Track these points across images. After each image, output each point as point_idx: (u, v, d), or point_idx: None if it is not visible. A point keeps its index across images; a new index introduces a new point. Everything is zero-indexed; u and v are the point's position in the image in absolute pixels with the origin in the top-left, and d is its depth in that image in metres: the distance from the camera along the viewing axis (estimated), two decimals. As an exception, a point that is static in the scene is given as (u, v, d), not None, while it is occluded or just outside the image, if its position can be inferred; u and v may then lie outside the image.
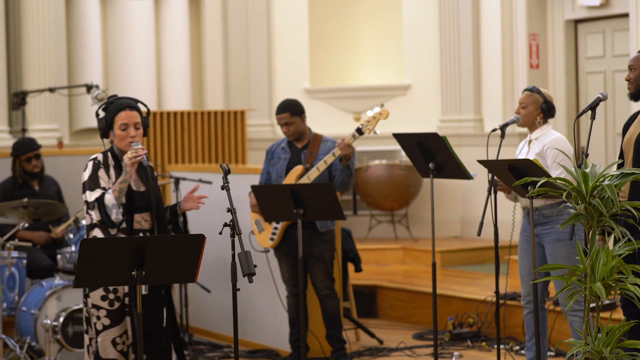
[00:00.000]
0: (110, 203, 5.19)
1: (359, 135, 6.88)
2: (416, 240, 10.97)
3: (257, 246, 7.36)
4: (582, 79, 10.50)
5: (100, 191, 5.23)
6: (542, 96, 6.22)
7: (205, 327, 8.52)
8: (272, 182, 7.16)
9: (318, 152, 7.08)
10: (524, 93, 6.29)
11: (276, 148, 7.25)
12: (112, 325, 5.24)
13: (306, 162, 7.07)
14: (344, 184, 6.95)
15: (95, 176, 5.28)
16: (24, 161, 8.09)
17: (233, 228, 4.92)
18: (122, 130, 5.32)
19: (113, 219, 5.20)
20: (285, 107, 7.12)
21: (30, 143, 8.12)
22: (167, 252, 4.72)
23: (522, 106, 6.26)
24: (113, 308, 5.24)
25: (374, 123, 6.91)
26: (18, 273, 7.62)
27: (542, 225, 6.13)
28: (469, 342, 7.92)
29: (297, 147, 7.17)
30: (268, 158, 7.26)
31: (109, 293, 5.23)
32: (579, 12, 10.34)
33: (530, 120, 6.23)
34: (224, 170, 5.15)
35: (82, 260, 4.62)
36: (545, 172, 5.51)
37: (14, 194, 8.07)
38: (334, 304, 7.18)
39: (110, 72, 11.68)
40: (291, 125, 7.10)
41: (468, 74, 11.02)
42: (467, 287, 8.87)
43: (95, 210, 5.20)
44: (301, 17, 12.05)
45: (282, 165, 7.14)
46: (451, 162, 6.33)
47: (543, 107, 6.21)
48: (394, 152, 11.32)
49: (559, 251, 6.14)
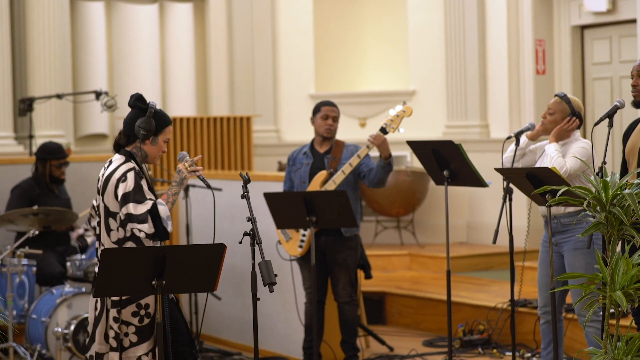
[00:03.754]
0: (165, 215, 5.00)
1: (383, 135, 6.86)
2: (422, 247, 10.95)
3: (285, 255, 7.32)
4: (589, 85, 10.49)
5: (150, 203, 5.01)
6: (570, 106, 6.17)
7: (214, 334, 8.49)
8: (295, 188, 7.12)
9: (341, 157, 7.06)
10: (554, 99, 6.24)
11: (297, 154, 7.23)
12: (139, 343, 5.10)
13: (330, 167, 7.05)
14: (381, 181, 6.95)
15: (140, 187, 5.04)
16: (54, 166, 8.07)
17: (253, 237, 4.89)
18: (164, 142, 5.23)
19: (169, 230, 5.03)
20: (335, 104, 7.17)
21: (62, 150, 8.11)
22: (187, 261, 4.69)
23: (549, 112, 6.20)
24: (142, 324, 5.10)
25: (398, 121, 6.90)
26: (28, 280, 7.59)
27: (560, 234, 6.10)
28: (480, 349, 7.90)
29: (320, 152, 7.15)
30: (290, 164, 7.24)
31: (140, 309, 5.08)
32: (586, 17, 10.33)
33: (553, 127, 6.18)
34: (243, 179, 5.12)
35: (102, 270, 4.59)
36: (565, 181, 5.49)
37: (35, 193, 8.03)
38: (352, 311, 7.16)
39: (115, 78, 11.66)
40: (336, 122, 7.13)
41: (474, 80, 11.01)
42: (475, 294, 8.85)
43: (148, 223, 4.97)
44: (306, 23, 12.04)
45: (305, 170, 7.12)
46: (466, 169, 6.31)
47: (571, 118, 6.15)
48: (400, 158, 11.30)
49: (576, 260, 6.10)
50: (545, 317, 6.33)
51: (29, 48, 10.72)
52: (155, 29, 11.74)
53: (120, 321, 5.08)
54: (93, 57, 11.44)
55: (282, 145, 11.95)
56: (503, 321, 8.01)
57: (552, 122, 6.19)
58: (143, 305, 5.09)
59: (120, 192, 5.04)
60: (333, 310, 7.43)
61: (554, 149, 6.08)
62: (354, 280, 7.19)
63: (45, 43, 10.70)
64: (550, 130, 6.20)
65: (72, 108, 11.31)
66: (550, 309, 6.23)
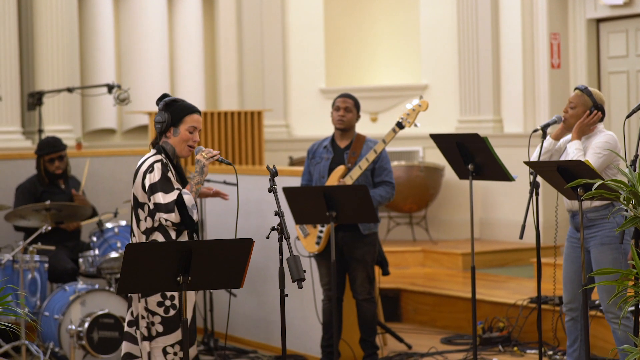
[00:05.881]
0: (190, 204, 5.04)
1: (399, 130, 6.74)
2: (435, 243, 10.81)
3: (303, 251, 7.18)
4: (605, 79, 10.36)
5: (176, 192, 5.06)
6: (592, 99, 6.01)
7: (229, 332, 8.33)
8: (314, 182, 7.00)
9: (361, 152, 6.93)
10: (574, 92, 6.07)
11: (317, 147, 7.09)
12: (165, 333, 5.06)
13: (348, 162, 6.92)
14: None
15: (167, 178, 5.09)
16: (47, 161, 7.92)
17: (281, 232, 4.75)
18: (190, 133, 5.19)
19: (195, 218, 5.07)
20: (350, 96, 7.05)
21: (55, 144, 7.92)
22: (214, 256, 4.55)
23: (570, 106, 6.03)
24: (168, 315, 5.06)
25: (414, 116, 6.76)
26: (40, 277, 7.44)
27: (587, 229, 5.95)
28: (500, 347, 7.76)
29: (340, 147, 7.02)
30: (309, 158, 7.10)
31: (165, 299, 5.05)
32: (602, 10, 10.19)
33: (575, 121, 6.02)
34: (270, 172, 4.98)
35: (126, 265, 4.45)
36: (598, 174, 5.35)
37: (39, 191, 7.89)
38: (371, 309, 7.03)
39: (123, 72, 11.53)
40: (349, 112, 6.99)
41: (487, 74, 10.87)
42: (493, 291, 8.71)
43: (174, 213, 5.01)
44: (316, 16, 11.90)
45: (325, 165, 6.98)
46: (492, 163, 6.18)
47: (592, 111, 5.99)
48: (412, 153, 11.17)
49: (603, 255, 5.96)
50: (570, 314, 6.19)
51: (36, 42, 10.60)
52: (164, 22, 11.62)
53: (148, 310, 5.06)
54: (101, 51, 11.32)
55: (293, 141, 11.82)
56: (524, 318, 7.87)
57: (573, 116, 6.02)
58: (168, 296, 5.04)
59: (147, 182, 5.09)
60: (351, 308, 7.30)
61: (574, 147, 5.93)
62: (372, 277, 7.06)
63: (53, 37, 10.58)
64: (572, 125, 6.03)
65: (80, 103, 11.18)
66: (578, 305, 6.11)
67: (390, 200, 6.95)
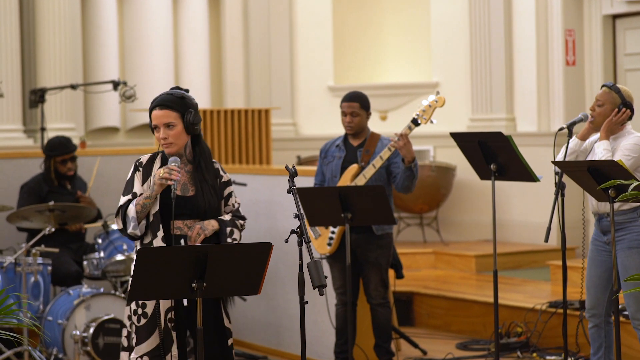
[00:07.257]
0: (131, 215, 4.74)
1: (415, 127, 6.47)
2: (447, 244, 10.57)
3: (314, 253, 6.92)
4: (621, 76, 10.11)
5: (125, 198, 4.81)
6: (620, 96, 5.76)
7: (238, 337, 8.09)
8: (327, 182, 6.75)
9: (375, 151, 6.67)
10: (602, 89, 5.83)
11: (330, 146, 6.84)
12: (139, 343, 4.75)
13: (362, 161, 6.66)
14: (406, 188, 6.54)
15: (130, 179, 4.85)
16: (58, 162, 7.67)
17: (301, 235, 4.50)
18: (155, 131, 4.83)
19: (129, 232, 4.76)
20: (356, 97, 6.76)
21: (67, 144, 7.68)
22: (230, 262, 4.29)
23: (597, 104, 5.79)
24: (140, 324, 4.76)
25: (430, 112, 6.49)
26: (43, 280, 7.19)
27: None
28: (519, 352, 7.51)
29: (353, 145, 6.76)
30: (322, 157, 6.85)
31: (137, 307, 4.76)
32: (618, 6, 9.95)
33: (602, 120, 5.77)
34: (289, 172, 4.74)
35: (138, 271, 4.20)
36: (633, 175, 5.10)
37: (44, 191, 7.64)
38: (386, 314, 6.78)
39: (127, 69, 11.31)
40: (356, 117, 6.72)
41: (499, 71, 10.62)
42: (509, 294, 8.46)
43: (118, 217, 4.79)
44: (324, 13, 11.68)
45: (337, 164, 6.73)
46: (515, 163, 5.94)
47: (621, 109, 5.74)
48: (423, 152, 10.93)
49: (630, 259, 5.73)
50: (593, 321, 5.97)
51: (38, 38, 10.39)
52: (168, 18, 11.41)
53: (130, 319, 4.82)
54: (104, 48, 11.11)
55: (300, 139, 11.59)
56: (543, 323, 7.62)
57: (601, 115, 5.78)
58: (140, 304, 4.76)
59: None
60: (365, 312, 7.05)
61: (602, 147, 5.68)
62: (386, 281, 6.81)
63: (55, 33, 10.37)
64: (600, 124, 5.78)
65: (83, 101, 10.96)
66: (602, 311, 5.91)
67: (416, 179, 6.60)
